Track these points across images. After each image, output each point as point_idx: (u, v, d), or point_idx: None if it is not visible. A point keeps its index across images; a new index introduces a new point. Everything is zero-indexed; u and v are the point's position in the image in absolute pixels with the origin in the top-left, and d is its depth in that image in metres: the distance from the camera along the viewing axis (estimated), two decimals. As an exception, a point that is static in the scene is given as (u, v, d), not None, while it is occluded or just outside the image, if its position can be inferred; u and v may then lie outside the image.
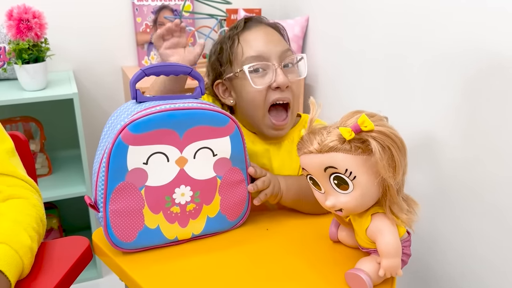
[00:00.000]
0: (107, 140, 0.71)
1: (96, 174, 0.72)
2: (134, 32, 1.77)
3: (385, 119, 0.65)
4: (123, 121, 0.70)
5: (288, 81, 0.86)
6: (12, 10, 1.39)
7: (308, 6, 1.72)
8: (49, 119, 1.71)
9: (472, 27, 0.98)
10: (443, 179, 1.10)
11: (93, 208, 0.72)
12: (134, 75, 0.74)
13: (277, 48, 0.87)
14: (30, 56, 1.42)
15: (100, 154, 0.72)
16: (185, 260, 0.73)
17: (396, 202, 0.63)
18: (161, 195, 0.72)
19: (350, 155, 0.61)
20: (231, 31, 0.92)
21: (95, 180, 0.72)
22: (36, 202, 0.75)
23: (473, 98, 0.99)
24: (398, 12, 1.21)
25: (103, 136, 0.74)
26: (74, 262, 0.71)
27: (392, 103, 1.26)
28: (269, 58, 0.87)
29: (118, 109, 0.76)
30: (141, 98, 0.74)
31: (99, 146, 0.74)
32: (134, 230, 0.72)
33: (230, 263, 0.72)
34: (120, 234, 0.71)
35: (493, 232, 0.98)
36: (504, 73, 0.91)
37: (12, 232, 0.66)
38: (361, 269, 0.64)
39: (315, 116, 0.67)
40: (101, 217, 0.71)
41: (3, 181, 0.74)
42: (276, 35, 0.91)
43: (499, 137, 0.94)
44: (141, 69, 0.74)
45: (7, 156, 0.77)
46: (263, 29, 0.90)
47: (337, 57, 1.54)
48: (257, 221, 0.85)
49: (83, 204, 1.60)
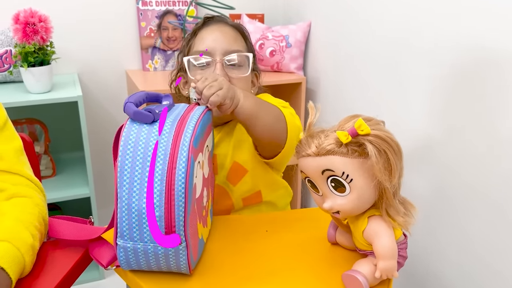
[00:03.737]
0: (147, 166, 0.62)
1: (160, 207, 0.62)
2: (139, 36, 1.79)
3: (382, 123, 0.66)
4: (166, 141, 0.63)
5: (225, 77, 0.88)
6: (19, 13, 1.42)
7: (310, 12, 1.73)
8: (53, 121, 1.73)
9: (472, 30, 0.99)
10: (440, 182, 1.10)
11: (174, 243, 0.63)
12: (131, 109, 0.65)
13: (224, 45, 0.90)
14: (36, 59, 1.44)
15: (140, 185, 0.62)
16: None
17: (392, 204, 0.64)
18: (199, 204, 0.72)
19: (347, 158, 0.62)
20: (195, 25, 0.97)
21: (164, 214, 0.62)
22: (39, 202, 0.76)
23: (471, 101, 1.00)
24: (399, 18, 1.22)
25: (128, 165, 0.63)
26: (75, 263, 0.72)
27: (392, 107, 1.27)
28: (214, 54, 0.90)
29: (127, 135, 0.64)
30: (156, 116, 0.67)
31: (124, 180, 0.63)
32: (196, 246, 0.70)
33: (228, 265, 0.73)
34: (194, 255, 0.69)
35: (491, 234, 0.99)
36: (504, 75, 0.92)
37: (14, 230, 0.67)
38: (357, 271, 0.65)
39: (314, 120, 0.68)
40: (183, 248, 0.64)
41: (9, 179, 0.75)
42: (231, 34, 0.93)
43: (498, 139, 0.95)
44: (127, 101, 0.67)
45: (15, 155, 0.78)
46: (219, 28, 0.93)
47: (339, 62, 1.55)
48: (256, 222, 0.86)
49: (86, 205, 1.62)
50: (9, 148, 0.77)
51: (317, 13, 1.68)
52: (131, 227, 0.63)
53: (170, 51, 1.83)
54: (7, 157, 0.76)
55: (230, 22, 0.97)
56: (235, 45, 0.92)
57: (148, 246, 0.64)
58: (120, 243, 0.65)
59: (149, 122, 0.65)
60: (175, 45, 1.83)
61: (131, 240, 0.64)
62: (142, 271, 0.69)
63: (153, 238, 0.63)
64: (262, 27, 1.79)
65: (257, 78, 1.02)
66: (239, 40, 0.95)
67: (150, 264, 0.66)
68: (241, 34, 0.97)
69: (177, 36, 1.82)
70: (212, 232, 0.81)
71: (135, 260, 0.66)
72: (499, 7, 0.91)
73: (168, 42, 1.82)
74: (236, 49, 0.92)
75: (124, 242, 0.64)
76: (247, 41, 0.98)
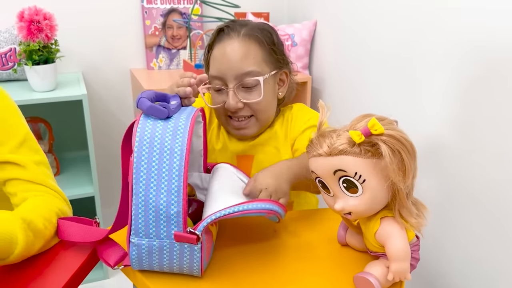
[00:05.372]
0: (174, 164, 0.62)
1: (178, 203, 0.62)
2: (143, 35, 1.78)
3: (395, 123, 0.65)
4: (181, 137, 0.63)
5: (238, 104, 0.90)
6: (23, 11, 1.41)
7: (316, 11, 1.72)
8: (58, 120, 1.73)
9: (480, 28, 0.98)
10: (451, 183, 1.09)
11: (191, 240, 0.63)
12: (145, 104, 0.65)
13: (233, 71, 0.88)
14: (40, 57, 1.44)
15: (157, 181, 0.62)
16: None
17: (405, 206, 0.63)
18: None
19: (360, 158, 0.61)
20: (209, 39, 0.95)
21: (182, 210, 0.62)
22: (60, 205, 0.76)
23: (483, 101, 0.99)
24: (405, 16, 1.21)
25: (145, 161, 0.62)
26: (82, 263, 0.71)
27: (399, 107, 1.26)
28: (226, 79, 0.90)
29: (142, 130, 0.64)
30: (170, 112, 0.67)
31: (141, 176, 0.62)
32: (210, 249, 0.71)
33: (237, 267, 0.72)
34: (207, 257, 0.69)
35: (504, 237, 0.97)
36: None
37: (20, 209, 0.70)
38: (370, 273, 0.64)
39: (324, 119, 0.67)
40: (198, 248, 0.64)
41: (33, 188, 0.76)
42: (241, 52, 0.88)
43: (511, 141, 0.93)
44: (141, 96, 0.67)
45: (39, 166, 0.79)
46: (230, 45, 0.90)
47: (344, 61, 1.54)
48: (264, 223, 0.85)
49: (90, 204, 1.61)
50: (32, 159, 0.78)
51: (323, 11, 1.67)
52: (148, 223, 0.63)
53: (174, 50, 1.82)
54: (30, 168, 0.77)
55: (243, 32, 0.90)
56: (247, 65, 0.88)
57: (164, 243, 0.63)
58: (134, 241, 0.64)
59: (164, 118, 0.65)
60: (180, 44, 1.82)
61: (147, 237, 0.63)
62: (150, 272, 0.68)
63: (171, 234, 0.63)
64: (268, 25, 1.78)
65: (286, 76, 0.99)
66: (252, 54, 0.89)
67: (162, 263, 0.65)
68: (257, 42, 0.91)
69: (182, 35, 1.81)
70: (219, 231, 0.80)
71: (147, 259, 0.65)
72: (504, 9, 0.90)
73: (172, 41, 1.81)
74: (247, 71, 0.88)
75: (139, 240, 0.64)
76: (264, 47, 0.91)
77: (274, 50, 0.93)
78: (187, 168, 0.62)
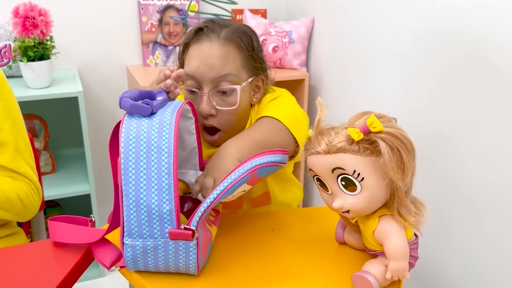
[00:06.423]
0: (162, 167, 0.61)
1: (170, 201, 0.61)
2: (140, 31, 1.77)
3: (393, 121, 0.65)
4: (168, 133, 0.61)
5: (211, 111, 0.86)
6: (18, 7, 1.40)
7: (314, 8, 1.71)
8: (53, 117, 1.71)
9: (483, 26, 0.97)
10: (447, 182, 1.09)
11: (187, 236, 0.62)
12: (127, 103, 0.64)
13: (210, 74, 0.84)
14: (36, 53, 1.42)
15: (147, 180, 0.61)
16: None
17: (404, 204, 0.62)
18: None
19: (358, 156, 0.60)
20: (185, 37, 0.90)
21: (174, 207, 0.61)
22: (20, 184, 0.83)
23: (482, 99, 0.99)
24: (403, 13, 1.20)
25: (132, 161, 0.61)
26: (77, 262, 0.70)
27: (395, 104, 1.25)
28: (201, 81, 0.86)
29: (127, 130, 0.62)
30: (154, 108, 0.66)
31: (129, 176, 0.61)
32: (207, 248, 0.70)
33: (235, 265, 0.71)
34: (203, 255, 0.68)
35: (504, 236, 0.97)
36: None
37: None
38: (368, 272, 0.63)
39: (322, 116, 0.66)
40: (194, 245, 0.63)
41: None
42: (219, 55, 0.85)
43: (509, 137, 0.93)
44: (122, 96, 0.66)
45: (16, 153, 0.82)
46: (208, 47, 0.85)
47: (342, 59, 1.54)
48: (262, 221, 0.84)
49: (86, 202, 1.60)
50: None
51: (321, 8, 1.66)
52: (140, 224, 0.62)
53: (171, 47, 1.81)
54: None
55: (223, 34, 0.87)
56: (225, 68, 0.85)
57: (158, 242, 0.62)
58: (128, 242, 0.63)
59: (148, 115, 0.63)
60: (176, 40, 1.81)
61: (141, 238, 0.62)
62: (147, 272, 0.68)
63: (165, 233, 0.62)
64: (265, 22, 1.77)
65: (263, 82, 0.94)
66: (231, 58, 0.86)
67: (158, 263, 0.65)
68: (236, 46, 0.87)
69: (179, 31, 1.80)
70: (218, 231, 0.80)
71: (142, 260, 0.64)
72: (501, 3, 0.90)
73: (169, 37, 1.80)
74: (224, 74, 0.85)
75: (133, 241, 0.63)
76: (243, 53, 0.88)
77: (253, 56, 0.90)
78: (176, 165, 0.61)
